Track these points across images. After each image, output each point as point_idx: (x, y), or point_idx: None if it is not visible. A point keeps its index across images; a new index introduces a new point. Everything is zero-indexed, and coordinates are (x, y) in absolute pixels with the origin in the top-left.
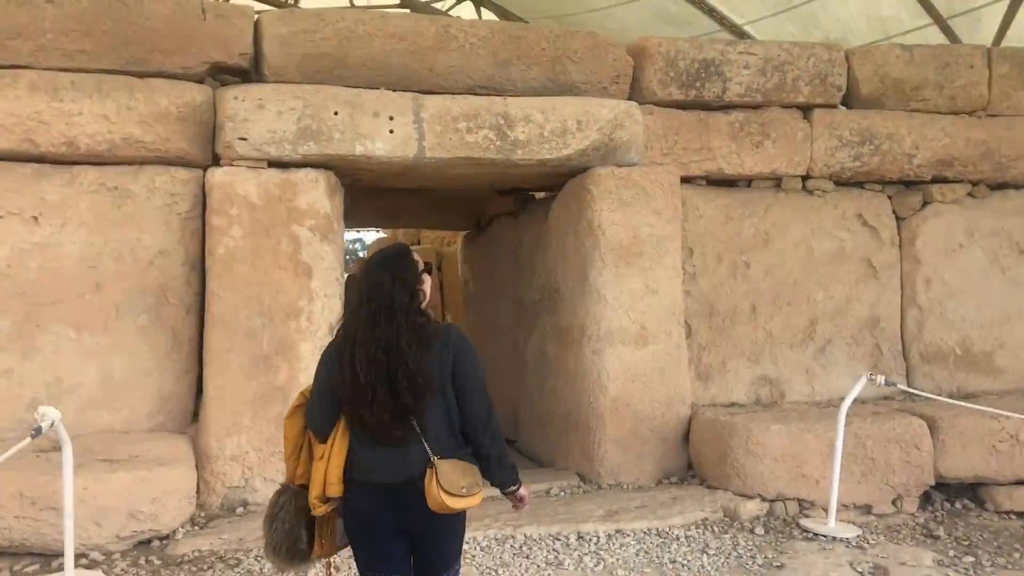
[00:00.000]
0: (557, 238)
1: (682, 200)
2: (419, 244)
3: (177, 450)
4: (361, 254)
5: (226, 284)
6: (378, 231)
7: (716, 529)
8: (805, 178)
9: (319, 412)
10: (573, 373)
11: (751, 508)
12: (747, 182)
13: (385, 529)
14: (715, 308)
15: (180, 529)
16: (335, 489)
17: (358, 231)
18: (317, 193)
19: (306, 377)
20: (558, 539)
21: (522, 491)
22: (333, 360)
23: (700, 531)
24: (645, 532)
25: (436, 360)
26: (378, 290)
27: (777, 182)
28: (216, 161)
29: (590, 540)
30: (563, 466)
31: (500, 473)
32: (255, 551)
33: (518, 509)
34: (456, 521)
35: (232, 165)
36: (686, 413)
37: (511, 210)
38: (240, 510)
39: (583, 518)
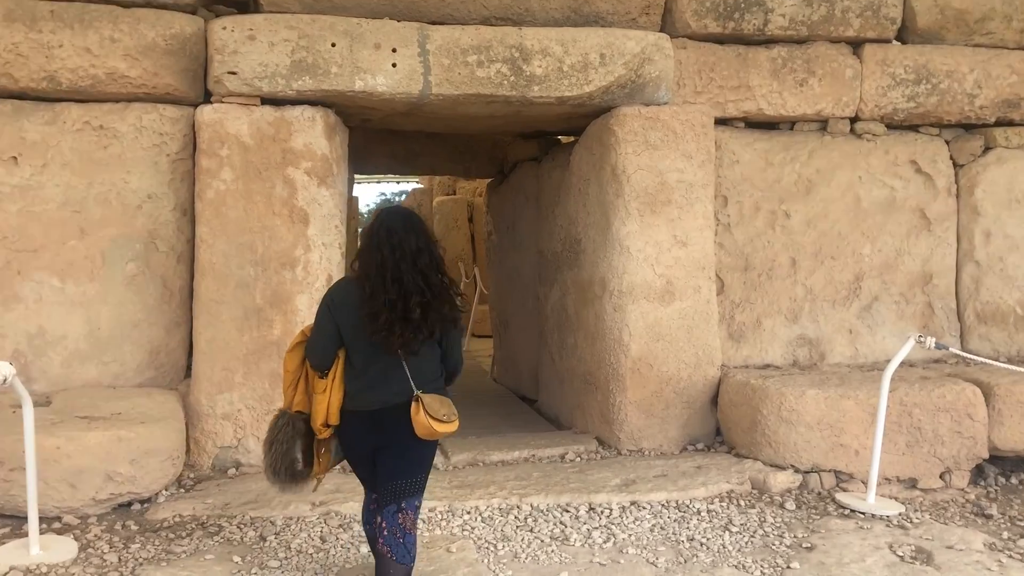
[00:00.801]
0: (579, 185)
1: (716, 143)
2: (454, 194)
3: (164, 407)
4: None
5: (216, 230)
6: (401, 182)
7: (742, 503)
8: (854, 120)
9: (321, 349)
10: (593, 331)
11: (782, 480)
12: (789, 124)
13: (369, 446)
14: (750, 262)
15: (164, 492)
16: (335, 418)
17: (379, 180)
18: (314, 133)
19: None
20: (567, 510)
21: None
22: (346, 294)
23: (724, 505)
24: (663, 505)
25: (440, 315)
26: (406, 242)
27: (822, 124)
28: (208, 98)
29: (602, 512)
30: (582, 430)
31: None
32: (239, 517)
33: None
34: (425, 445)
35: (222, 102)
36: (715, 375)
37: (534, 155)
38: (232, 471)
39: (597, 487)
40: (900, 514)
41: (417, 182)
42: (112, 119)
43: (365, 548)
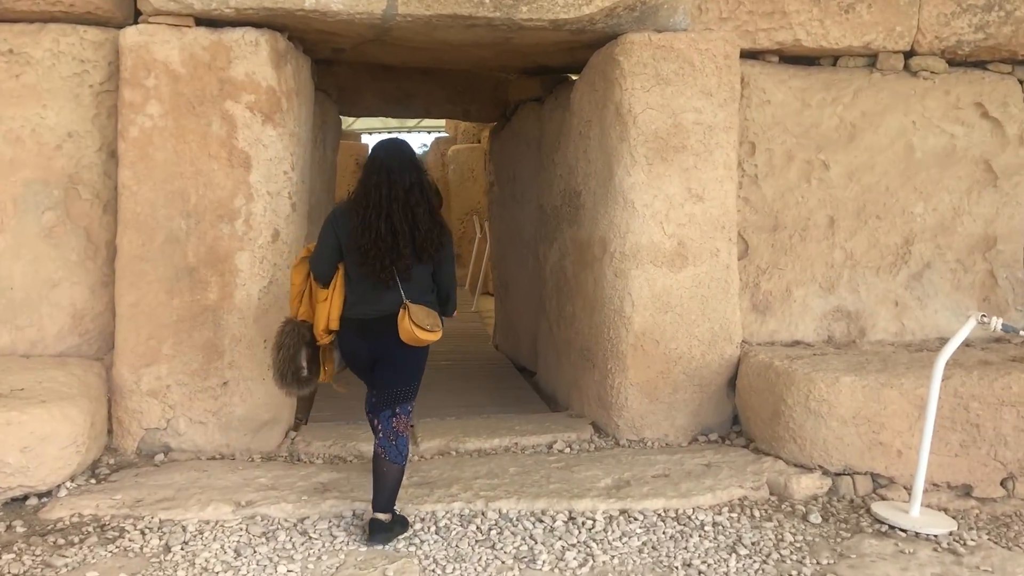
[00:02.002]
0: (579, 128)
1: (743, 79)
2: (479, 143)
3: (78, 382)
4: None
5: (141, 175)
6: (422, 130)
7: (757, 514)
8: (908, 54)
9: (323, 263)
10: (592, 299)
11: (807, 485)
12: (831, 59)
13: (357, 352)
14: (781, 220)
15: (68, 484)
16: (335, 323)
17: (407, 129)
18: (257, 60)
19: (244, 294)
20: (541, 520)
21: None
22: (346, 218)
23: (734, 516)
24: (660, 515)
25: (433, 236)
26: (401, 166)
27: (871, 59)
28: (138, 20)
29: (583, 524)
30: (577, 412)
31: (448, 308)
32: (147, 519)
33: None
34: (416, 354)
35: (149, 22)
36: (733, 354)
37: (537, 95)
38: (160, 457)
39: (581, 490)
40: (951, 533)
41: (442, 130)
42: (24, 42)
43: (283, 567)
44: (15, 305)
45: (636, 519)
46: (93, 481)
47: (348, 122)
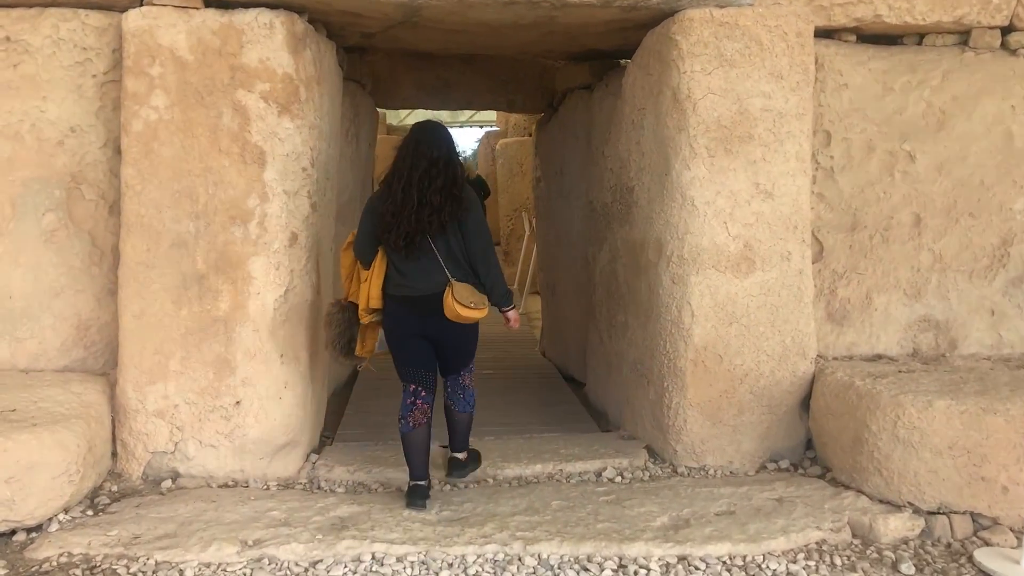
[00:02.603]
0: (632, 116)
1: (817, 61)
2: (530, 136)
3: (77, 401)
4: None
5: (146, 173)
6: (473, 125)
7: (838, 561)
8: (1006, 30)
9: (364, 246)
10: (646, 307)
11: (896, 526)
12: (916, 37)
13: (411, 329)
14: (860, 219)
15: (61, 517)
16: (376, 302)
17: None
18: (273, 44)
19: (258, 304)
20: (587, 568)
21: (512, 314)
22: (380, 200)
23: (812, 565)
24: (725, 563)
25: (461, 207)
26: (429, 143)
27: (963, 37)
28: (143, 2)
29: (635, 574)
30: (629, 433)
31: (495, 296)
32: (143, 560)
33: (508, 326)
34: (469, 329)
35: (153, 4)
36: (807, 370)
37: (586, 82)
38: (167, 483)
39: (633, 531)
40: None
41: (493, 124)
42: (21, 29)
43: None
44: (14, 315)
45: (697, 568)
46: (90, 513)
47: (400, 116)
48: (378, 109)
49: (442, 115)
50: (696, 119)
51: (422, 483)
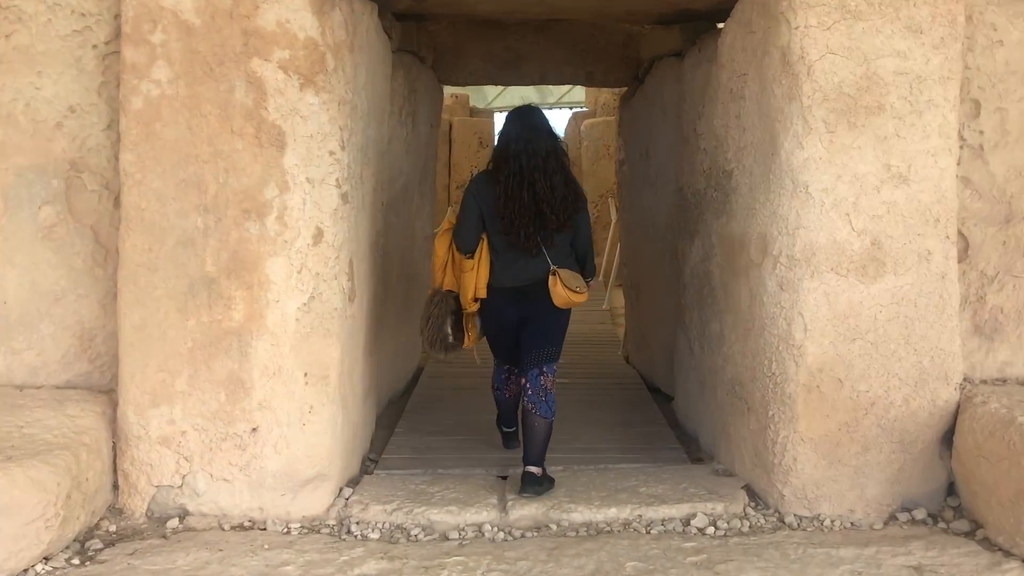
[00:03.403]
0: (730, 85)
1: (966, 12)
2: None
3: (65, 427)
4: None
5: (147, 159)
6: (558, 106)
7: None
8: None
9: (467, 234)
10: (746, 317)
11: None
12: None
13: (510, 319)
14: (1016, 209)
15: (41, 567)
16: (483, 291)
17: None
18: (293, 3)
19: (278, 314)
20: None
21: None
22: (487, 187)
23: None
24: None
25: (569, 202)
26: (537, 135)
27: None
28: None
29: None
30: (725, 467)
31: (589, 275)
32: None
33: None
34: (564, 314)
35: None
36: (951, 398)
37: (676, 49)
38: (174, 523)
39: None
40: None
41: (583, 105)
42: None
43: None
44: (9, 323)
45: None
46: (76, 561)
47: (488, 98)
48: (444, 86)
49: (530, 96)
50: (811, 86)
51: (514, 429)
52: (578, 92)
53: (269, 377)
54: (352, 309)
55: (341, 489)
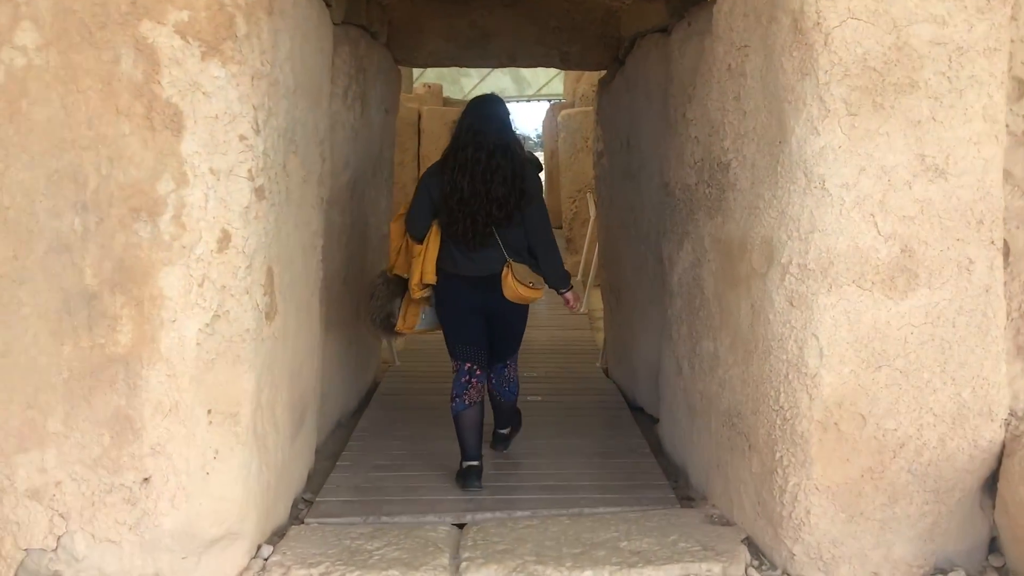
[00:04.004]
0: (728, 61)
1: None
2: None
3: None
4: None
5: (10, 145)
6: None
7: None
8: None
9: (415, 220)
10: (747, 336)
11: None
12: None
13: (469, 309)
14: None
15: None
16: (430, 277)
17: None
18: None
19: (174, 337)
20: None
21: (570, 295)
22: (437, 176)
23: None
24: None
25: (524, 199)
26: (488, 126)
27: None
28: None
29: None
30: (721, 513)
31: (553, 279)
32: None
33: (570, 307)
34: (521, 311)
35: None
36: (995, 437)
37: (662, 24)
38: None
39: None
40: None
41: (561, 97)
42: None
43: None
44: None
45: None
46: None
47: (464, 90)
48: (405, 67)
49: (507, 87)
50: (829, 58)
51: (476, 463)
52: (557, 84)
53: (164, 415)
54: (272, 328)
55: (260, 547)
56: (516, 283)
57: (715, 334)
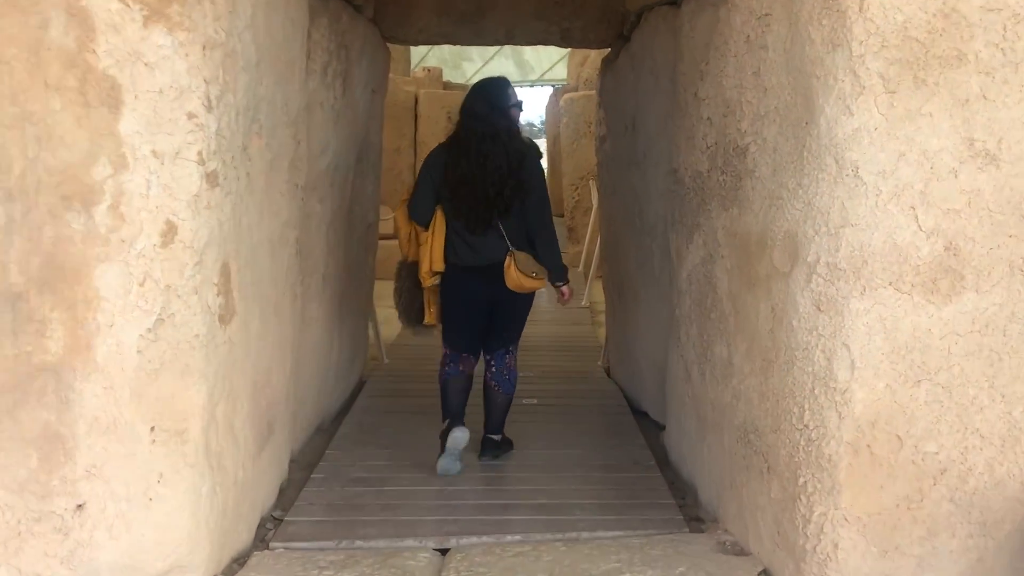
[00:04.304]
0: (747, 31)
1: None
2: None
3: None
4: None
5: None
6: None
7: None
8: None
9: (418, 205)
10: (767, 343)
11: None
12: None
13: (471, 299)
14: None
15: None
16: (439, 265)
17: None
18: None
19: (112, 344)
20: None
21: (565, 288)
22: (439, 160)
23: None
24: None
25: (523, 188)
26: (482, 112)
27: None
28: None
29: None
30: (734, 539)
31: (551, 271)
32: None
33: (562, 301)
34: (525, 300)
35: None
36: None
37: None
38: None
39: None
40: None
41: (565, 82)
42: None
43: None
44: None
45: None
46: None
47: (467, 75)
48: (394, 45)
49: (511, 72)
50: (865, 27)
51: (462, 427)
52: (561, 69)
53: (100, 433)
54: (228, 333)
55: None
56: (519, 273)
57: (729, 339)
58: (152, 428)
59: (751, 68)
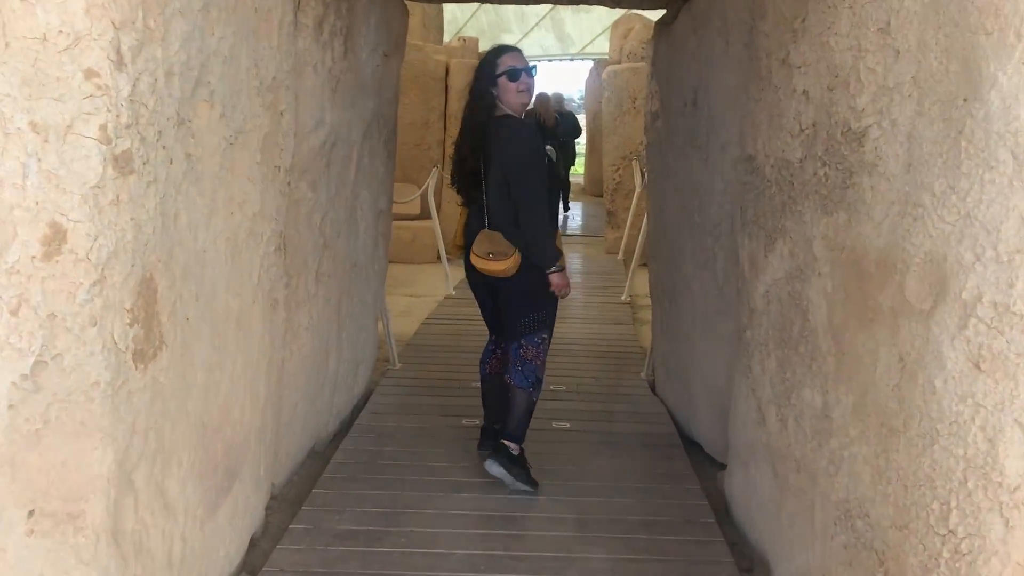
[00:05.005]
0: None
1: None
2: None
3: None
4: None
5: None
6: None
7: None
8: None
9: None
10: (888, 402)
11: None
12: None
13: (474, 278)
14: None
15: None
16: (459, 239)
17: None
18: None
19: None
20: None
21: (555, 278)
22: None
23: None
24: None
25: (504, 152)
26: (471, 81)
27: None
28: None
29: None
30: None
31: (535, 255)
32: None
33: (555, 291)
34: (519, 284)
35: None
36: None
37: None
38: None
39: None
40: None
41: (607, 56)
42: None
43: None
44: None
45: None
46: None
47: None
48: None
49: (550, 47)
50: None
51: (510, 446)
52: (602, 42)
53: None
54: (153, 372)
55: None
56: (472, 254)
57: (827, 385)
58: (30, 513)
59: (876, 22)
